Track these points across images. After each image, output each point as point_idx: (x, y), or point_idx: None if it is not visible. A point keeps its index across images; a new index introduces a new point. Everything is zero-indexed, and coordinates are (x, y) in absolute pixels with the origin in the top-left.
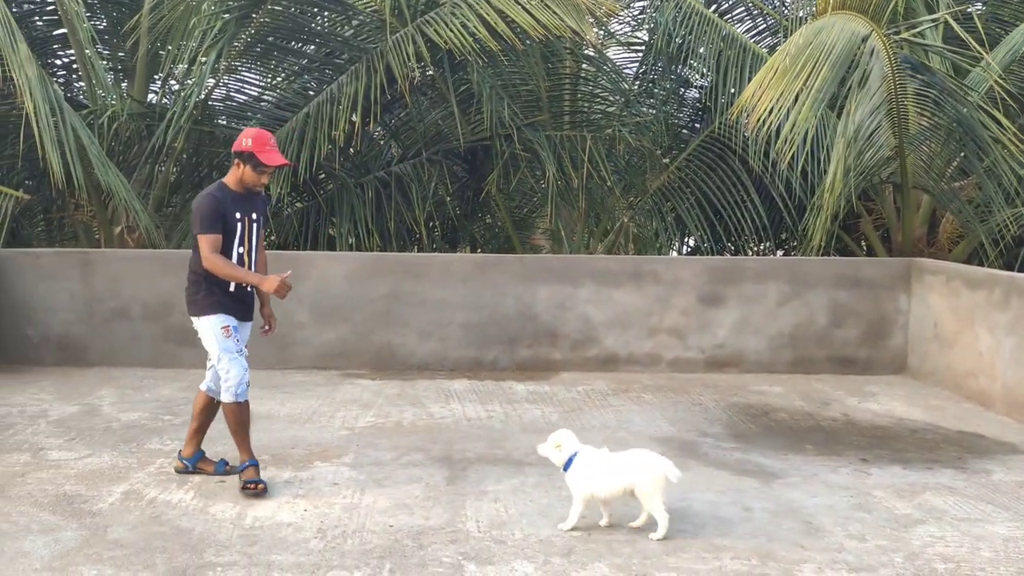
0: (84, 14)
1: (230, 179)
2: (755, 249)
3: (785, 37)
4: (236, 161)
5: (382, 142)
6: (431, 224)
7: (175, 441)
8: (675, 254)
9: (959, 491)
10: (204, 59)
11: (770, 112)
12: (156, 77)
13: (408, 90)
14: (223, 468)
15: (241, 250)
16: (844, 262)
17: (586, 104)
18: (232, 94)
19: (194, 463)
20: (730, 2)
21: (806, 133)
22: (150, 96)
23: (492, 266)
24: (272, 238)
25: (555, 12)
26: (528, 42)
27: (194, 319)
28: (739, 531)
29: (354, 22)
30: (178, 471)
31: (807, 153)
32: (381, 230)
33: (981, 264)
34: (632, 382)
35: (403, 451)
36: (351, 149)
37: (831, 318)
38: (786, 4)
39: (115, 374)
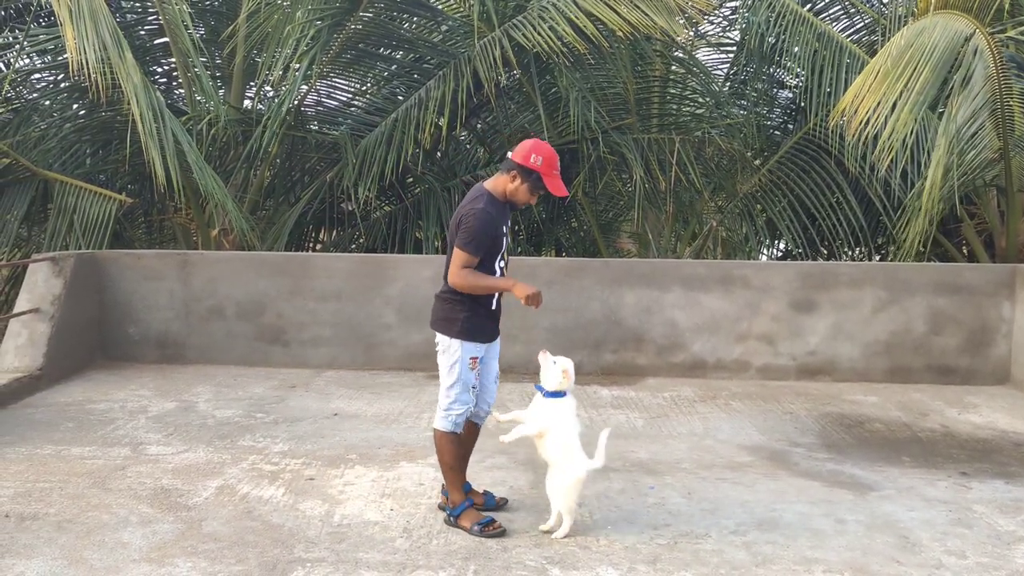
0: (186, 24)
1: (496, 188)
2: (850, 254)
3: (883, 35)
4: (513, 173)
5: (468, 146)
6: (516, 228)
7: (267, 438)
8: (765, 258)
9: None
10: (297, 66)
11: (873, 111)
12: (251, 84)
13: (495, 94)
14: (493, 502)
15: (501, 264)
16: (944, 268)
17: (674, 106)
18: (323, 100)
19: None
20: (825, 1)
21: (905, 136)
22: (245, 102)
23: (578, 270)
24: (360, 240)
25: (645, 12)
26: (616, 44)
27: (445, 338)
28: (832, 544)
29: (443, 27)
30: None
31: (907, 156)
32: None
33: None
34: (720, 389)
35: (488, 454)
36: (438, 153)
37: (930, 326)
38: (884, 2)
39: (210, 371)
